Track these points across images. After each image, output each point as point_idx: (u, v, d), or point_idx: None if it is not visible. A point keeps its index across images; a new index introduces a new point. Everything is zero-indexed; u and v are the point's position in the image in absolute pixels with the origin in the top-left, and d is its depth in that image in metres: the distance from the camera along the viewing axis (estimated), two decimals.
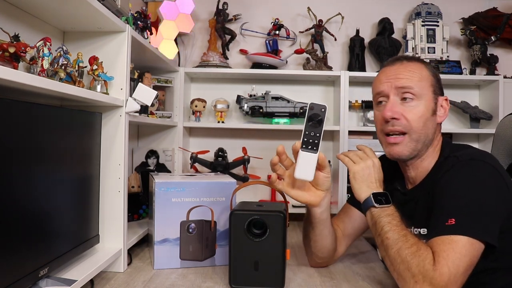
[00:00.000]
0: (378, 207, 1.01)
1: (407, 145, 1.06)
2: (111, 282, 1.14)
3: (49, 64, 0.97)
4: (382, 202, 1.02)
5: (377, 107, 1.13)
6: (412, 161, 1.10)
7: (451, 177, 0.98)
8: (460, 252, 0.86)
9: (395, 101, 1.06)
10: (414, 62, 1.10)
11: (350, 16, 2.28)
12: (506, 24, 2.18)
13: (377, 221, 1.00)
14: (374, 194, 1.03)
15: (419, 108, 1.05)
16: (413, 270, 0.87)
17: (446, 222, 0.90)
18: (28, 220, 0.87)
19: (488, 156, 1.02)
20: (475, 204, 0.92)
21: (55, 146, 0.99)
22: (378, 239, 0.99)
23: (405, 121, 1.05)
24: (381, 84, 1.09)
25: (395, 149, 1.07)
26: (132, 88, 1.34)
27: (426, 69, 1.09)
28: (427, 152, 1.08)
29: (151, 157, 1.94)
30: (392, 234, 0.95)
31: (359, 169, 1.06)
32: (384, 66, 1.14)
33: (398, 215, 1.00)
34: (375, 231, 1.01)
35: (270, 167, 1.05)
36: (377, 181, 1.06)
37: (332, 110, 2.24)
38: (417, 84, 1.05)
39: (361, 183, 1.06)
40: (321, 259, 1.24)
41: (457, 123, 2.27)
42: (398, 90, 1.06)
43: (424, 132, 1.05)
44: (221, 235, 1.30)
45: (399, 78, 1.06)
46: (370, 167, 1.07)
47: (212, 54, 2.18)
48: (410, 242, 0.91)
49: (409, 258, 0.89)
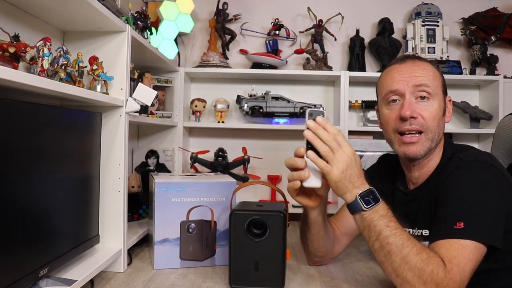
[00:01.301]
0: (368, 210, 0.92)
1: (423, 144, 1.04)
2: (111, 282, 1.14)
3: (49, 64, 0.97)
4: (370, 202, 0.92)
5: (388, 105, 1.09)
6: (421, 160, 1.08)
7: (456, 179, 0.97)
8: (468, 257, 0.86)
9: (411, 99, 1.04)
10: (424, 61, 1.09)
11: (350, 16, 2.28)
12: (506, 24, 2.18)
13: (371, 225, 0.92)
14: (361, 195, 0.93)
15: (434, 107, 1.04)
16: (425, 278, 0.84)
17: (454, 226, 0.89)
18: (28, 220, 0.87)
19: (491, 157, 1.03)
20: (481, 206, 0.92)
21: (55, 146, 0.98)
22: (375, 244, 0.91)
23: (422, 120, 1.03)
24: (395, 82, 1.06)
25: (411, 148, 1.04)
26: (132, 88, 1.34)
27: (435, 69, 1.09)
28: (435, 152, 1.08)
29: (151, 157, 1.94)
30: (394, 239, 0.89)
31: (339, 176, 0.92)
32: (393, 64, 1.11)
33: (391, 214, 0.93)
34: (369, 235, 0.93)
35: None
36: (360, 177, 0.95)
37: (332, 110, 2.24)
38: (432, 83, 1.05)
39: (344, 188, 0.94)
40: (319, 257, 1.24)
41: (457, 123, 2.27)
42: (415, 89, 1.04)
43: (438, 132, 1.05)
44: (221, 235, 1.30)
45: (416, 76, 1.04)
46: (350, 164, 0.93)
47: (212, 54, 2.18)
48: (417, 248, 0.88)
49: (420, 265, 0.85)
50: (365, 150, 2.11)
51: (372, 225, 0.92)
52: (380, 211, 0.93)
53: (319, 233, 1.14)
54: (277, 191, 1.19)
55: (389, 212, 0.93)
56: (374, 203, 0.93)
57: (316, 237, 1.15)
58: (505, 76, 2.12)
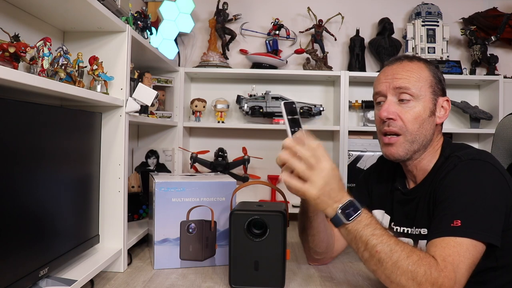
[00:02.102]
0: (351, 222, 0.91)
1: (401, 146, 1.05)
2: (111, 282, 1.14)
3: (49, 64, 0.97)
4: (351, 214, 0.91)
5: (376, 106, 1.13)
6: (410, 162, 1.09)
7: (454, 177, 0.98)
8: (464, 255, 0.86)
9: (391, 101, 1.06)
10: (414, 62, 1.09)
11: (350, 16, 2.28)
12: (506, 24, 2.18)
13: (357, 236, 0.91)
14: (342, 208, 0.91)
15: (416, 109, 1.05)
16: (419, 279, 0.84)
17: (451, 224, 0.90)
18: (28, 220, 0.87)
19: (488, 155, 1.03)
20: (479, 205, 0.92)
21: (55, 146, 0.98)
22: (364, 254, 0.91)
23: (401, 122, 1.05)
24: (380, 84, 1.10)
25: (389, 149, 1.07)
26: (132, 88, 1.34)
27: (426, 69, 1.08)
28: (426, 152, 1.08)
29: (151, 157, 1.94)
30: (382, 246, 0.88)
31: (317, 193, 0.89)
32: (384, 65, 1.14)
33: (375, 221, 0.92)
34: (356, 246, 0.92)
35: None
36: (340, 190, 0.92)
37: (332, 110, 2.24)
38: (415, 84, 1.05)
39: (323, 205, 0.91)
40: (319, 254, 1.24)
41: (457, 123, 2.27)
42: (396, 91, 1.06)
43: (420, 133, 1.05)
44: (221, 235, 1.30)
45: (397, 78, 1.06)
46: (328, 180, 0.89)
47: (212, 54, 2.18)
48: (406, 251, 0.87)
49: (412, 268, 0.85)
50: (365, 150, 2.12)
51: (358, 236, 0.91)
52: (364, 220, 0.91)
53: (319, 225, 1.14)
54: (277, 191, 1.19)
55: (373, 219, 0.92)
56: (356, 214, 0.91)
57: (316, 230, 1.15)
58: (505, 76, 2.12)
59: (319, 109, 2.14)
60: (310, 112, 2.13)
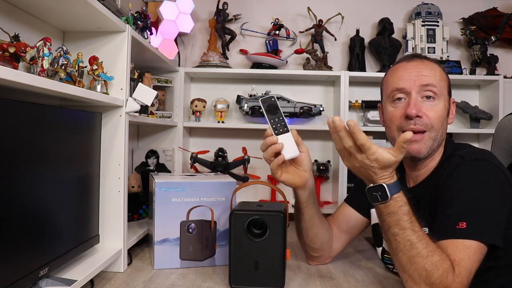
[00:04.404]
0: (378, 204, 0.92)
1: (425, 143, 1.04)
2: (111, 282, 1.14)
3: (49, 64, 0.97)
4: (377, 199, 0.91)
5: (393, 103, 1.08)
6: (424, 160, 1.08)
7: (458, 178, 0.97)
8: (473, 258, 0.87)
9: (417, 98, 1.04)
10: (431, 61, 1.09)
11: (350, 16, 2.28)
12: (506, 24, 2.18)
13: (382, 219, 0.93)
14: (369, 190, 0.92)
15: (440, 107, 1.05)
16: (433, 280, 0.84)
17: (457, 225, 0.90)
18: (28, 220, 0.87)
19: (491, 155, 1.03)
20: (483, 205, 0.92)
21: (55, 146, 0.98)
22: (385, 235, 0.94)
23: (427, 119, 1.03)
24: (402, 81, 1.06)
25: (414, 146, 1.04)
26: (132, 88, 1.34)
27: (442, 70, 1.09)
28: (437, 151, 1.08)
29: (151, 157, 1.94)
30: (402, 237, 0.88)
31: (350, 166, 0.94)
32: (400, 61, 1.12)
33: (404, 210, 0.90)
34: (382, 226, 0.95)
35: (268, 167, 1.05)
36: (376, 173, 0.91)
37: (332, 110, 2.24)
38: (439, 83, 1.05)
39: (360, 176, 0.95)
40: (315, 251, 1.23)
41: (457, 123, 2.27)
42: (421, 88, 1.04)
43: (441, 132, 1.05)
44: (221, 235, 1.30)
45: (423, 75, 1.05)
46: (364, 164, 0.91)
47: (212, 54, 2.18)
48: (428, 249, 0.86)
49: (429, 268, 0.85)
50: None
51: (383, 220, 0.93)
52: (390, 207, 0.90)
53: (312, 218, 1.14)
54: (277, 191, 1.19)
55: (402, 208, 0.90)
56: (381, 200, 0.91)
57: (310, 223, 1.15)
58: (505, 76, 2.12)
59: (319, 109, 2.14)
60: (310, 112, 2.13)
